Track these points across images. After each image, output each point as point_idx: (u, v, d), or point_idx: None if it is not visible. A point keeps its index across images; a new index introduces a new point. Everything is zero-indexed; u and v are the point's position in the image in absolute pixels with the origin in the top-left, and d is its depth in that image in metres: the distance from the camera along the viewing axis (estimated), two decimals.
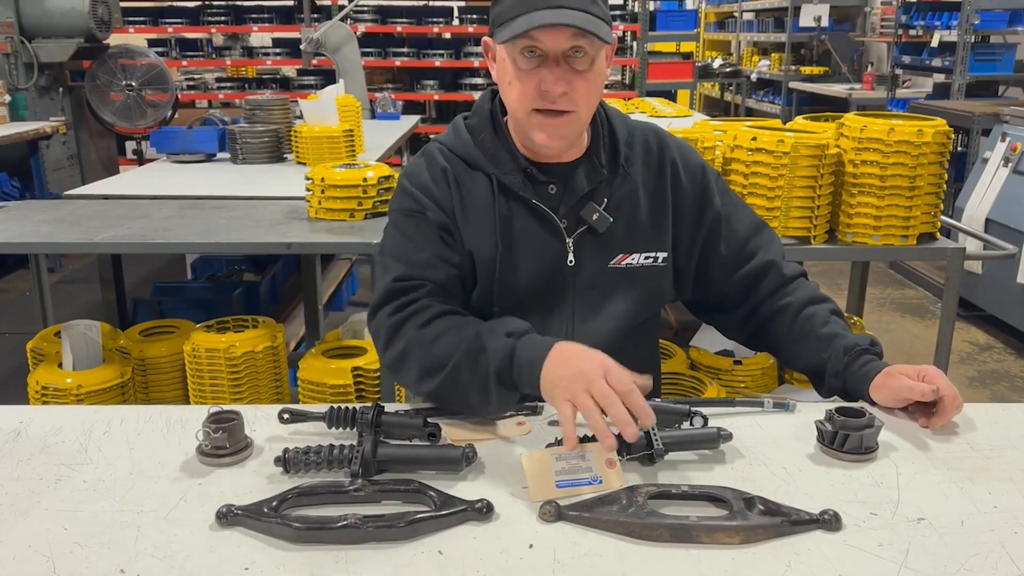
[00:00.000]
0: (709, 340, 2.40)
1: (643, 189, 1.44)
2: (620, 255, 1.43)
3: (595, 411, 1.09)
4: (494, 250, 1.39)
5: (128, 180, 3.62)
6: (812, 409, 1.32)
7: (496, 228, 1.39)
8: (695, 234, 1.49)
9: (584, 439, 1.18)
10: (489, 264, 1.40)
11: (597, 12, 1.28)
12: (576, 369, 1.14)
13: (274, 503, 1.05)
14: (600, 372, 1.12)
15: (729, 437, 1.20)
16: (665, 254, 1.46)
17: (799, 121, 2.35)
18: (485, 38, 1.39)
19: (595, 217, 1.40)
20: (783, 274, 1.51)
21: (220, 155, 3.75)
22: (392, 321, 1.33)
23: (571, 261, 1.41)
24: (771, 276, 1.50)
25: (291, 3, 7.83)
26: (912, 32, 6.59)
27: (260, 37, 8.59)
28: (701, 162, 1.52)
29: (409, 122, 5.21)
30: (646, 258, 1.44)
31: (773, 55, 10.43)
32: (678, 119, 4.34)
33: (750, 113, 10.59)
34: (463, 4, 7.89)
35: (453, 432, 1.25)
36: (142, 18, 7.53)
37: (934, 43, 6.19)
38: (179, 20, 7.61)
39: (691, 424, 1.25)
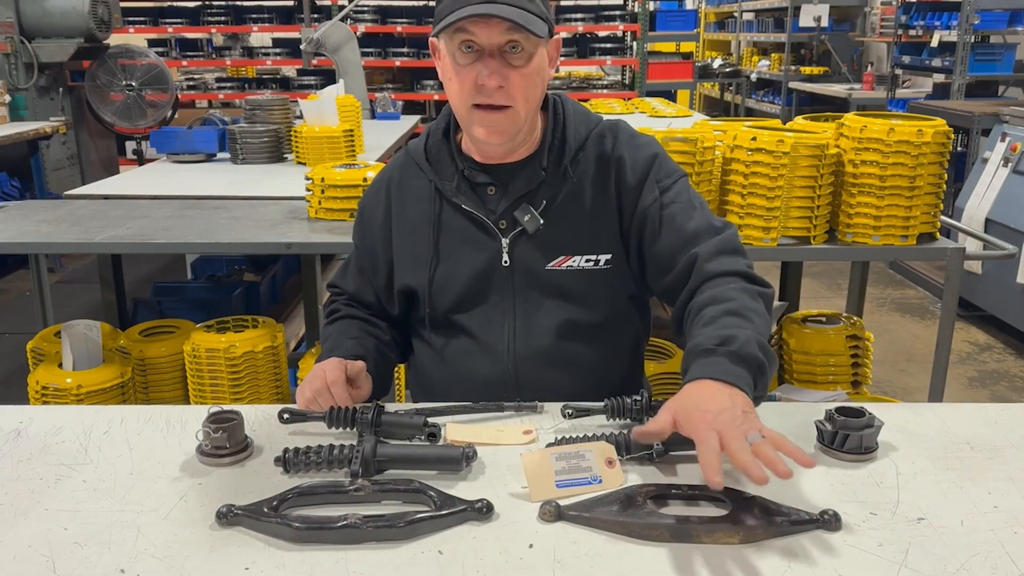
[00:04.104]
0: None
1: (589, 192, 1.42)
2: (560, 257, 1.42)
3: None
4: (428, 250, 1.45)
5: (128, 180, 3.63)
6: (812, 409, 1.32)
7: (431, 229, 1.45)
8: (631, 227, 1.43)
9: (584, 439, 1.18)
10: (423, 264, 1.46)
11: (533, 9, 1.29)
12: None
13: (274, 503, 1.05)
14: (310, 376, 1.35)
15: None
16: (608, 256, 1.42)
17: (799, 121, 2.35)
18: (431, 38, 1.38)
19: (526, 218, 1.40)
20: (703, 270, 1.35)
21: (220, 155, 3.75)
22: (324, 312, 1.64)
23: (506, 261, 1.42)
24: (693, 277, 1.36)
25: (291, 3, 7.83)
26: (912, 32, 6.59)
27: (260, 37, 8.59)
28: (652, 156, 1.43)
29: (409, 122, 5.21)
30: (587, 261, 1.42)
31: (773, 55, 10.43)
32: (678, 119, 4.34)
33: (750, 113, 10.59)
34: None
35: (454, 433, 1.25)
36: (142, 18, 7.54)
37: (934, 43, 6.19)
38: (179, 20, 7.62)
39: None
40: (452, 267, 1.45)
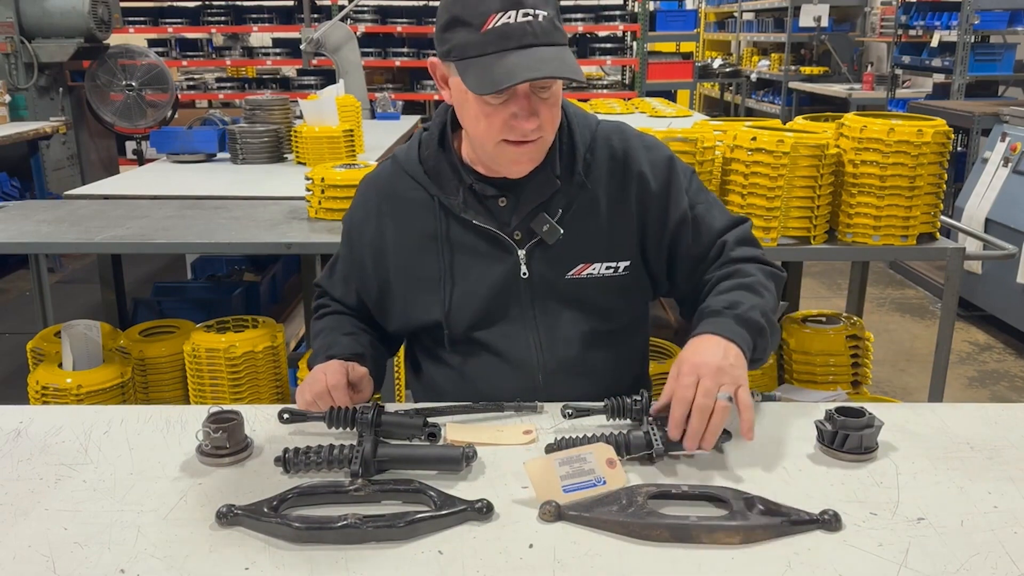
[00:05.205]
0: None
1: (604, 198, 1.39)
2: (579, 265, 1.39)
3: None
4: (439, 271, 1.40)
5: (128, 180, 3.63)
6: (812, 409, 1.32)
7: (440, 247, 1.40)
8: (662, 235, 1.42)
9: (583, 439, 1.18)
10: (435, 286, 1.41)
11: (561, 39, 1.24)
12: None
13: (274, 503, 1.05)
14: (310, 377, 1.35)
15: (729, 437, 1.20)
16: (627, 263, 1.41)
17: (799, 121, 2.35)
18: (433, 59, 1.32)
19: (545, 228, 1.36)
20: (729, 256, 1.42)
21: (220, 155, 3.75)
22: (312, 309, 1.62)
23: (524, 273, 1.39)
24: (720, 261, 1.43)
25: (291, 3, 7.83)
26: (912, 32, 6.59)
27: (260, 37, 8.60)
28: (668, 160, 1.44)
29: (409, 122, 5.21)
30: (607, 268, 1.40)
31: (773, 55, 10.43)
32: (678, 119, 4.34)
33: (750, 113, 10.59)
34: None
35: (454, 433, 1.25)
36: (142, 18, 7.54)
37: (934, 43, 6.19)
38: (179, 20, 7.62)
39: None
40: (469, 286, 1.40)
